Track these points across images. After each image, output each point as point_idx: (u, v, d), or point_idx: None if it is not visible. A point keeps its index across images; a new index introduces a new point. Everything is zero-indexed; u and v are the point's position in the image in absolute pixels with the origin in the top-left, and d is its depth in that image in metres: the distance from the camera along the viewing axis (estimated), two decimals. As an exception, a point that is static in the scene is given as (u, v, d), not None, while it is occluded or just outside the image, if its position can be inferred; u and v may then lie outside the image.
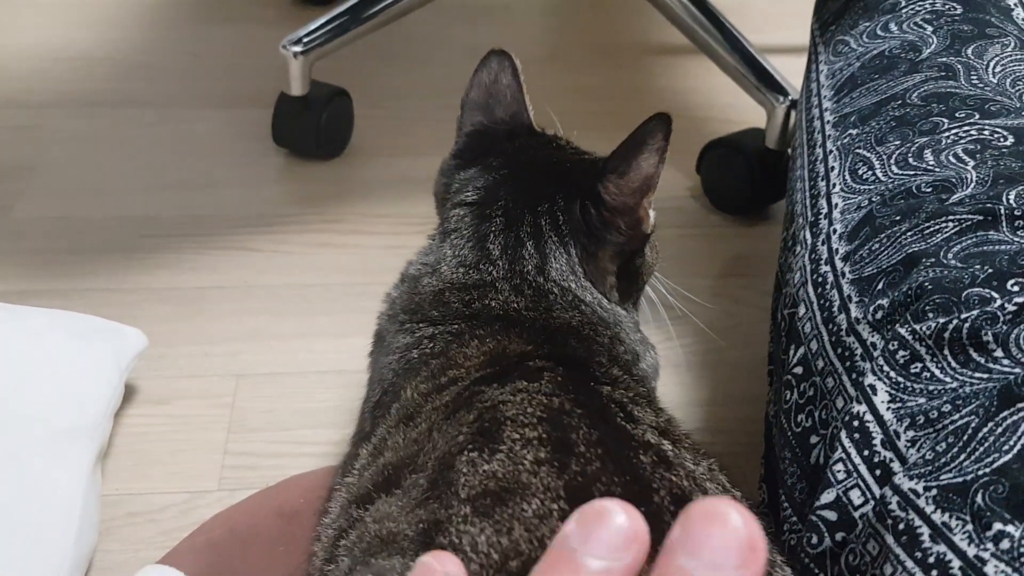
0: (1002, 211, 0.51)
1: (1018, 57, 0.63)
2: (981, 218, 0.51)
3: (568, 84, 1.35)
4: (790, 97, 1.04)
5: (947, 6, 0.69)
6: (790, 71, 1.08)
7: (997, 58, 0.64)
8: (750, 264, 1.07)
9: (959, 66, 0.64)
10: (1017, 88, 0.61)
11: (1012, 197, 0.52)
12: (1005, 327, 0.45)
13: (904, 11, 0.71)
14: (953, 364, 0.46)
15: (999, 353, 0.45)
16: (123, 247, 1.02)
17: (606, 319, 0.63)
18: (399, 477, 0.48)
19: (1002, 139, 0.56)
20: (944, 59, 0.65)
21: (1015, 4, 0.68)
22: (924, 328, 0.47)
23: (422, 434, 0.49)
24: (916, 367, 0.47)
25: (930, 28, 0.68)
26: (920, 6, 0.71)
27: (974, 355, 0.46)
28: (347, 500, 0.52)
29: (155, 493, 0.76)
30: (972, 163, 0.55)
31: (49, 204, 1.07)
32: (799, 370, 0.56)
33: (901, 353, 0.48)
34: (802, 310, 0.58)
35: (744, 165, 1.07)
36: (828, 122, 0.68)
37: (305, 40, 1.11)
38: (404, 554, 0.41)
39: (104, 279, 0.97)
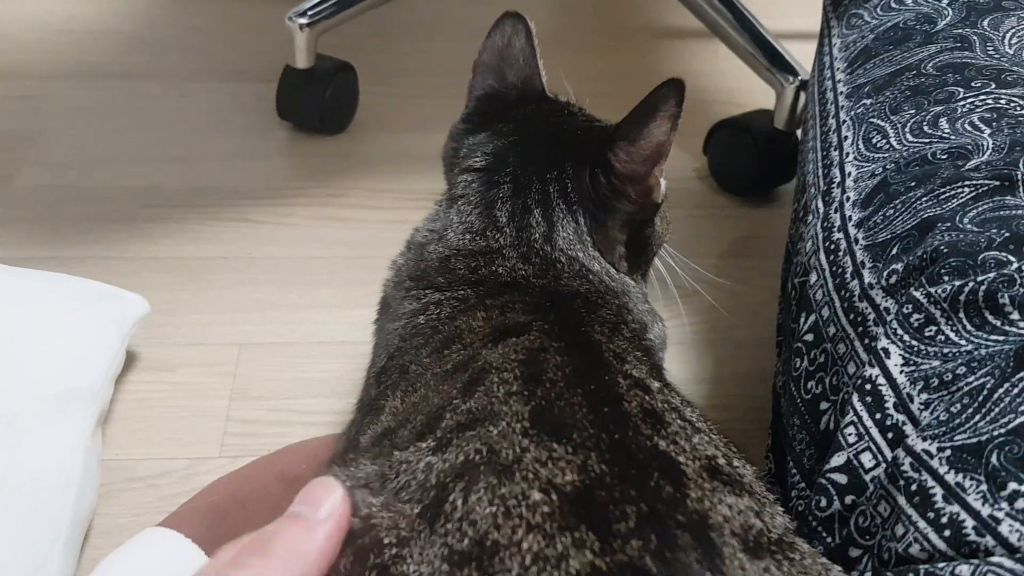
0: (1019, 176, 0.50)
1: (1035, 29, 0.63)
2: (997, 183, 0.51)
3: (574, 65, 1.34)
4: (800, 77, 1.03)
5: (963, -22, 0.69)
6: (798, 55, 1.08)
7: (1013, 30, 0.63)
8: (756, 245, 1.07)
9: (975, 37, 0.63)
10: (1034, 59, 0.60)
11: (1029, 163, 0.51)
12: (1022, 289, 0.45)
13: (919, -16, 0.70)
14: (968, 327, 0.46)
15: (1015, 315, 0.45)
16: (125, 217, 1.01)
17: (614, 288, 0.62)
18: (394, 433, 0.48)
19: (1019, 108, 0.56)
20: (960, 30, 0.64)
21: (1032, -23, 0.68)
22: (939, 291, 0.47)
23: (421, 397, 0.49)
24: (930, 330, 0.47)
25: (945, 1, 0.68)
26: (935, -21, 0.70)
27: (990, 318, 0.45)
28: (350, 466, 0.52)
29: (156, 459, 0.75)
30: (988, 131, 0.55)
31: (51, 173, 1.07)
32: (810, 337, 0.56)
33: (915, 316, 0.48)
34: (813, 278, 0.57)
35: (751, 146, 1.07)
36: (841, 93, 0.67)
37: (311, 12, 1.10)
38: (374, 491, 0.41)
39: (106, 247, 0.96)
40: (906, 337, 0.48)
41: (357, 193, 1.09)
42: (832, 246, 0.57)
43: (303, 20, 1.10)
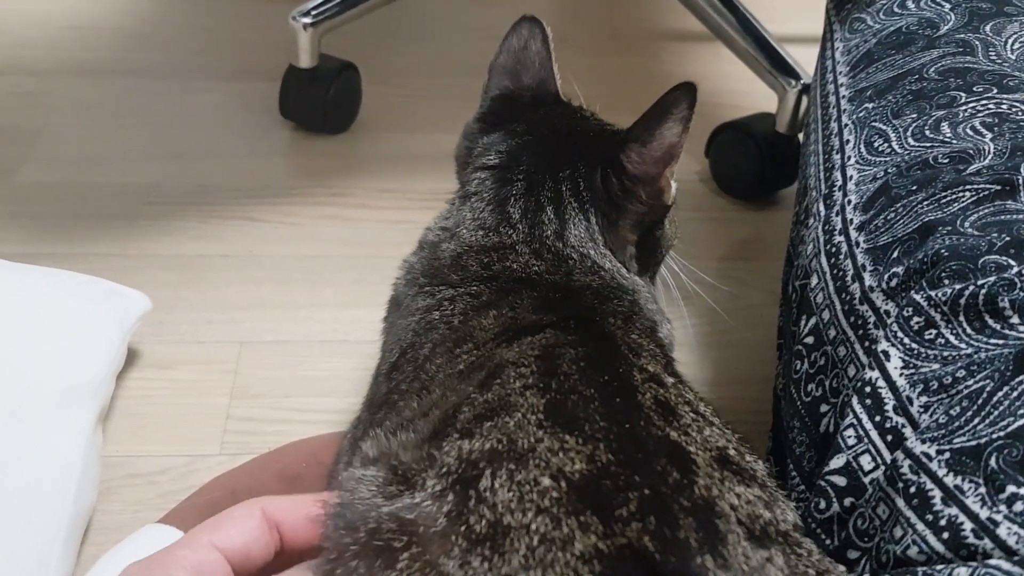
0: (1020, 181, 0.50)
1: (1037, 34, 0.63)
2: (999, 188, 0.51)
3: (579, 68, 1.33)
4: (802, 81, 1.03)
5: (966, -17, 0.69)
6: (800, 59, 1.08)
7: (1016, 35, 0.63)
8: (757, 248, 1.07)
9: (977, 42, 0.63)
10: (1036, 64, 0.60)
11: (1030, 168, 0.51)
12: (1022, 293, 0.45)
13: (922, -12, 0.70)
14: (968, 330, 0.46)
15: (1015, 319, 0.45)
16: (127, 214, 1.01)
17: (624, 286, 0.63)
18: (411, 425, 0.48)
19: (1020, 112, 0.56)
20: (962, 35, 0.64)
21: (1035, -17, 0.68)
22: (939, 294, 0.47)
23: (437, 397, 0.49)
24: (931, 333, 0.47)
25: (948, 5, 0.68)
26: (938, -16, 0.70)
27: (990, 321, 0.45)
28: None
29: (155, 456, 0.75)
30: (990, 135, 0.55)
31: (53, 170, 1.07)
32: (810, 340, 0.56)
33: (915, 319, 0.48)
34: (814, 280, 0.57)
35: (754, 149, 1.07)
36: (844, 97, 0.67)
37: (314, 12, 1.11)
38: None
39: (107, 244, 0.97)
40: (906, 340, 0.48)
41: (359, 192, 1.09)
42: (833, 249, 0.57)
43: (307, 20, 1.10)
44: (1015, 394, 0.42)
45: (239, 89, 1.24)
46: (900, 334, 0.48)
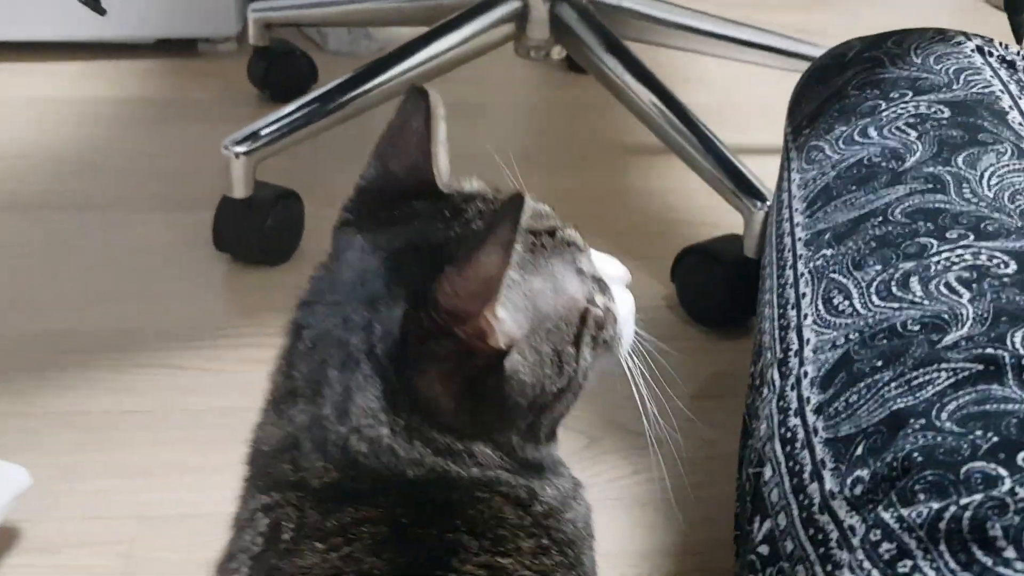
0: (1007, 359, 0.41)
1: (1017, 167, 0.55)
2: (981, 367, 0.41)
3: (544, 186, 1.26)
4: (768, 203, 0.96)
5: (933, 109, 0.61)
6: (773, 173, 1.01)
7: (992, 168, 0.55)
8: (730, 383, 0.97)
9: (949, 177, 0.55)
10: (1017, 203, 0.52)
11: (1019, 340, 0.42)
12: (1018, 517, 0.35)
13: (885, 114, 0.63)
14: (952, 566, 0.36)
15: (1010, 553, 0.35)
16: (36, 366, 0.93)
17: (470, 476, 0.47)
18: None
19: (1003, 265, 0.47)
20: (931, 169, 0.56)
21: (1010, 107, 0.60)
22: (914, 515, 0.37)
23: None
24: (904, 566, 0.37)
25: (914, 133, 0.60)
26: (903, 108, 0.62)
27: (979, 555, 0.35)
28: None
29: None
30: (968, 295, 0.46)
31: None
32: (764, 549, 0.46)
33: (885, 546, 0.38)
34: (768, 472, 0.48)
35: (721, 275, 0.99)
36: (800, 239, 0.59)
37: (249, 140, 1.04)
38: None
39: (9, 403, 0.88)
40: (876, 573, 0.38)
41: (294, 331, 1.00)
42: (788, 434, 0.47)
43: (240, 149, 1.04)
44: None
45: (176, 220, 1.17)
46: (867, 564, 0.38)
